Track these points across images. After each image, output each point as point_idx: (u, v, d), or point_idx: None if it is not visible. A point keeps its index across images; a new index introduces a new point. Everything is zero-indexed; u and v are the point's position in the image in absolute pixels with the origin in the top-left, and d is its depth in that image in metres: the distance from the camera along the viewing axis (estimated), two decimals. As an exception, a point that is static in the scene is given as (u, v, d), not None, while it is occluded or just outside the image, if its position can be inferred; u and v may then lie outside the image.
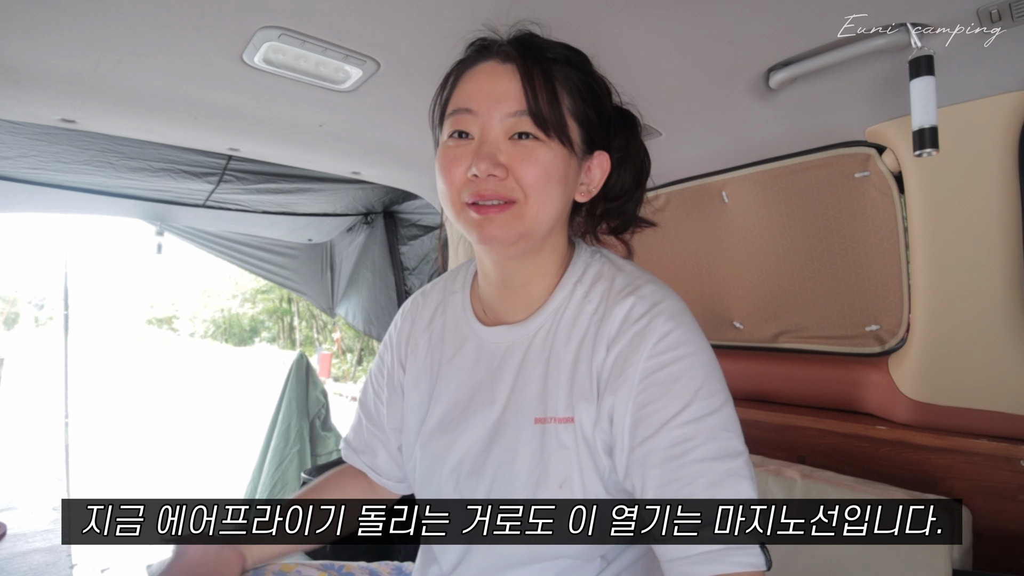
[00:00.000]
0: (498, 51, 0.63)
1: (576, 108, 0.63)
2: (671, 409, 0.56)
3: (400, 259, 2.88)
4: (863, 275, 1.32)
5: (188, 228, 2.76)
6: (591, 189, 0.68)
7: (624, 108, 0.73)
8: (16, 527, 1.22)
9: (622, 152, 0.70)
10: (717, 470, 0.53)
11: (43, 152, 1.66)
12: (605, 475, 0.61)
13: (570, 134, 0.62)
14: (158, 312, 21.40)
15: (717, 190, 1.53)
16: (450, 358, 0.74)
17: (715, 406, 0.56)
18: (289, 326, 17.42)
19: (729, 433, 0.56)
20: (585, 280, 0.68)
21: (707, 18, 0.83)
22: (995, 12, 0.76)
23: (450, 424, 0.71)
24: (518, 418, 0.65)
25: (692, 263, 1.65)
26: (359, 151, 1.46)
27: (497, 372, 0.69)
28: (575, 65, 0.64)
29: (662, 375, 0.57)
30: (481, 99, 0.61)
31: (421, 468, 0.73)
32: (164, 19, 0.81)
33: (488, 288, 0.73)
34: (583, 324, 0.65)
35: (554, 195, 0.61)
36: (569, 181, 0.64)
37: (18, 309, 20.12)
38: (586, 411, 0.61)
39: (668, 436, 0.55)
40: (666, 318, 0.60)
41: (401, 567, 0.94)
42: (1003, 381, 1.07)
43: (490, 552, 0.65)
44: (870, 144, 1.22)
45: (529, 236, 0.62)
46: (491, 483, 0.65)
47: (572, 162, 0.63)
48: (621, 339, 0.60)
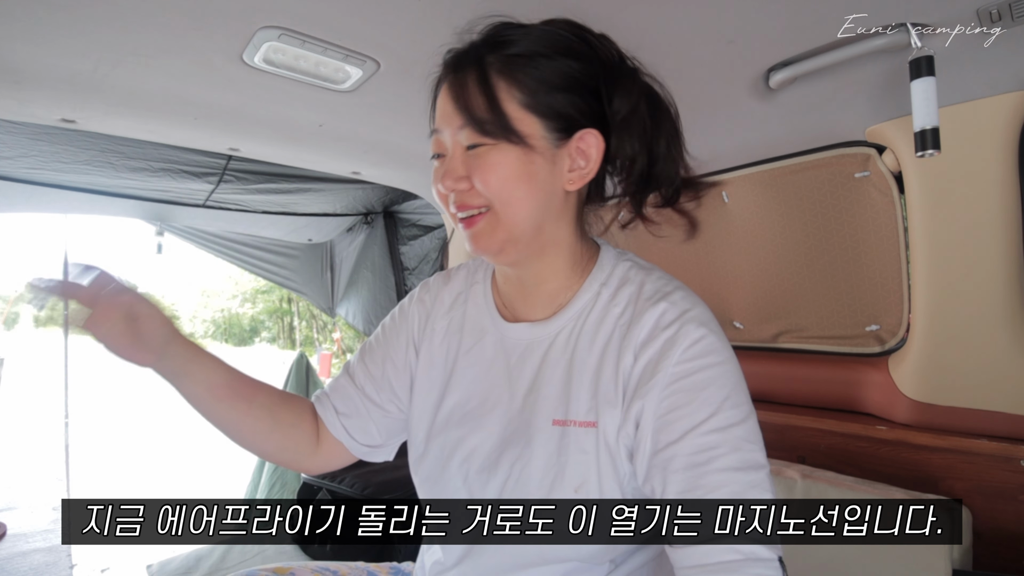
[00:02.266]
0: (450, 64, 0.64)
1: (533, 100, 0.59)
2: (697, 416, 0.55)
3: (400, 259, 2.87)
4: (863, 275, 1.32)
5: (188, 228, 2.76)
6: (587, 172, 0.63)
7: (621, 62, 0.66)
8: (16, 527, 1.22)
9: (624, 113, 0.63)
10: (740, 481, 0.53)
11: (43, 152, 1.66)
12: (624, 480, 0.60)
13: (520, 129, 0.59)
14: (158, 312, 21.33)
15: (717, 190, 1.53)
16: (468, 349, 0.73)
17: (740, 417, 0.56)
18: (289, 326, 17.43)
19: (753, 445, 0.55)
20: (611, 283, 0.67)
21: (707, 18, 0.83)
22: (995, 12, 0.76)
23: (463, 417, 0.70)
24: (535, 418, 0.64)
25: (692, 263, 1.65)
26: (359, 151, 1.46)
27: (515, 369, 0.68)
28: (542, 54, 0.60)
29: (690, 381, 0.57)
30: (441, 118, 0.63)
31: (429, 460, 0.72)
32: (164, 19, 0.81)
33: (507, 285, 0.73)
34: (608, 328, 0.64)
35: (521, 195, 0.60)
36: (539, 176, 0.61)
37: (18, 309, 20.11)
38: (611, 416, 0.60)
39: (693, 443, 0.55)
40: (696, 324, 0.59)
41: (400, 567, 0.94)
42: (1003, 381, 1.07)
43: (496, 552, 0.64)
44: (870, 144, 1.22)
45: (515, 240, 0.62)
46: (504, 481, 0.64)
47: (535, 157, 0.60)
48: (651, 345, 0.59)
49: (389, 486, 1.81)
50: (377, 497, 1.82)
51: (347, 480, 1.89)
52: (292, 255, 3.17)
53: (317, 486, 1.96)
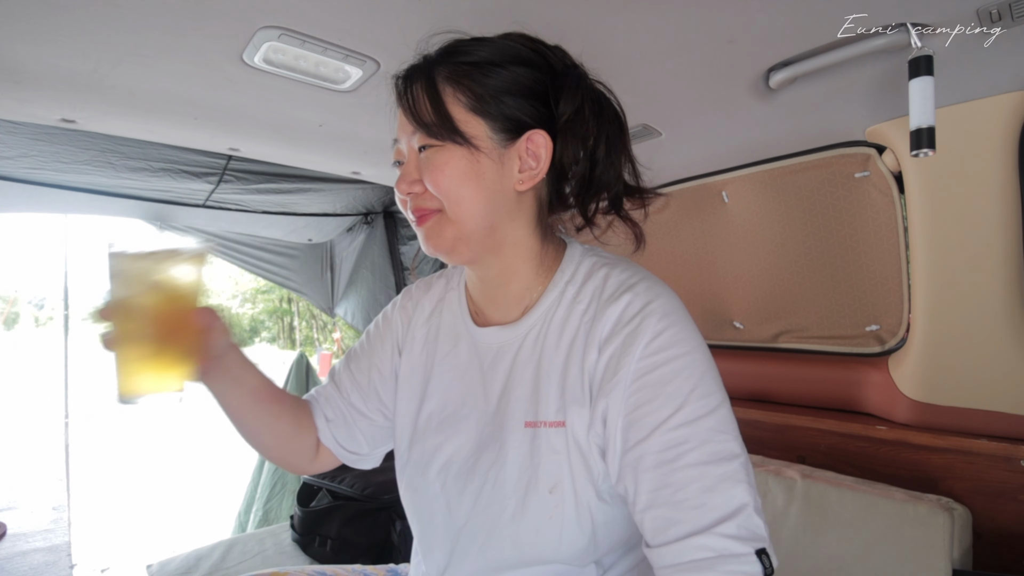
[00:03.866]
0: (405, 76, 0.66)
1: (479, 104, 0.62)
2: (663, 412, 0.55)
3: (400, 259, 2.87)
4: (863, 275, 1.32)
5: (188, 228, 2.76)
6: (536, 173, 0.64)
7: (570, 69, 0.66)
8: (16, 527, 1.22)
9: (568, 115, 0.63)
10: (711, 474, 0.52)
11: (43, 152, 1.66)
12: (598, 480, 0.60)
13: (465, 130, 0.61)
14: (158, 312, 21.35)
15: (717, 190, 1.53)
16: (444, 356, 0.74)
17: (709, 408, 0.55)
18: (289, 326, 17.43)
19: (724, 436, 0.54)
20: (576, 279, 0.67)
21: (707, 18, 0.83)
22: (995, 12, 0.76)
23: (440, 424, 0.71)
24: (508, 421, 0.64)
25: (692, 263, 1.65)
26: (359, 151, 1.46)
27: (488, 373, 0.69)
28: (491, 62, 0.62)
29: (654, 376, 0.56)
30: (399, 127, 0.67)
31: (410, 467, 0.73)
32: (164, 19, 0.81)
33: (475, 289, 0.74)
34: (573, 325, 0.64)
35: (467, 193, 0.62)
36: (487, 176, 0.62)
37: (18, 309, 20.12)
38: (578, 415, 0.60)
39: (660, 440, 0.54)
40: (658, 317, 0.58)
41: (396, 569, 0.94)
42: (1003, 381, 1.07)
43: (479, 555, 0.64)
44: (870, 144, 1.22)
45: (465, 239, 0.64)
46: (480, 486, 0.64)
47: (481, 157, 0.62)
48: (614, 340, 0.59)
49: (389, 486, 1.81)
50: (377, 497, 1.82)
51: (347, 480, 1.89)
52: (292, 255, 3.16)
53: (317, 486, 1.96)
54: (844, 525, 1.11)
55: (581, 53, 0.68)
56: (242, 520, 2.71)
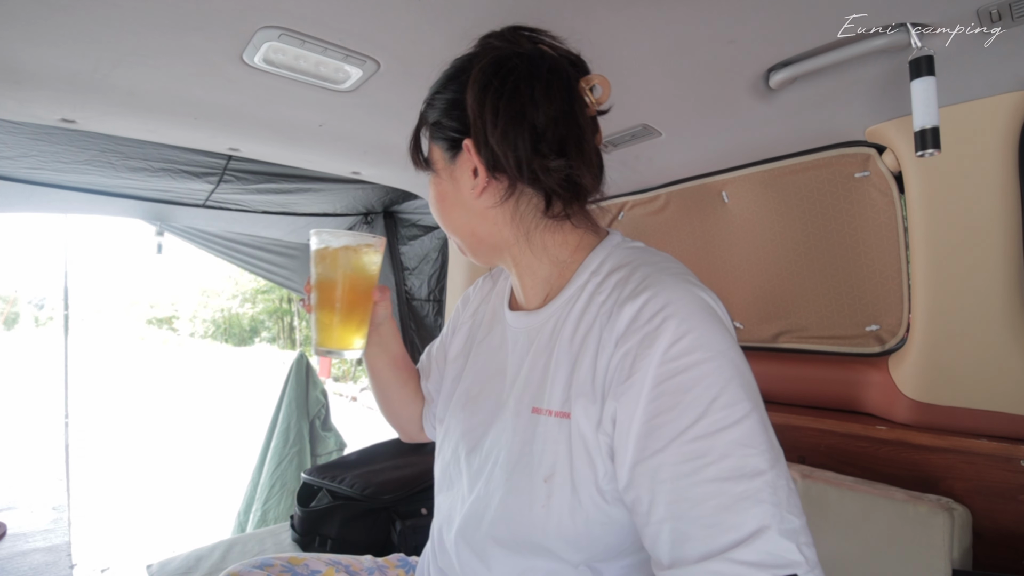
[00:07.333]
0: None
1: (433, 130, 0.69)
2: (682, 422, 0.50)
3: (400, 259, 2.87)
4: (863, 275, 1.32)
5: (188, 228, 2.76)
6: (480, 179, 0.65)
7: (469, 59, 0.67)
8: (16, 527, 1.22)
9: (472, 114, 0.63)
10: (729, 492, 0.47)
11: (43, 152, 1.66)
12: (602, 479, 0.57)
13: (431, 158, 0.71)
14: (158, 312, 21.43)
15: (717, 190, 1.53)
16: (483, 338, 0.80)
17: (734, 418, 0.50)
18: (289, 326, 17.44)
19: (749, 450, 0.49)
20: (601, 271, 0.65)
21: (707, 18, 0.83)
22: (995, 12, 0.76)
23: (466, 402, 0.77)
24: (518, 405, 0.66)
25: (692, 263, 1.65)
26: (359, 151, 1.46)
27: (512, 357, 0.72)
28: (438, 90, 0.69)
29: (673, 383, 0.52)
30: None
31: (440, 438, 0.81)
32: (164, 19, 0.81)
33: (511, 276, 0.78)
34: (591, 317, 0.61)
35: (441, 214, 0.72)
36: (448, 194, 0.70)
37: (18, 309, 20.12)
38: (585, 409, 0.58)
39: (678, 452, 0.50)
40: (680, 320, 0.53)
41: (407, 559, 0.96)
42: (1003, 381, 1.07)
43: (486, 533, 0.66)
44: (870, 144, 1.22)
45: (467, 249, 0.73)
46: (481, 464, 0.68)
47: (440, 179, 0.70)
48: (629, 338, 0.55)
49: (389, 486, 1.81)
50: (377, 497, 1.82)
51: (347, 480, 1.89)
52: (292, 255, 3.16)
53: (317, 486, 1.96)
54: (844, 525, 1.11)
55: (581, 53, 0.69)
56: (242, 520, 2.71)
